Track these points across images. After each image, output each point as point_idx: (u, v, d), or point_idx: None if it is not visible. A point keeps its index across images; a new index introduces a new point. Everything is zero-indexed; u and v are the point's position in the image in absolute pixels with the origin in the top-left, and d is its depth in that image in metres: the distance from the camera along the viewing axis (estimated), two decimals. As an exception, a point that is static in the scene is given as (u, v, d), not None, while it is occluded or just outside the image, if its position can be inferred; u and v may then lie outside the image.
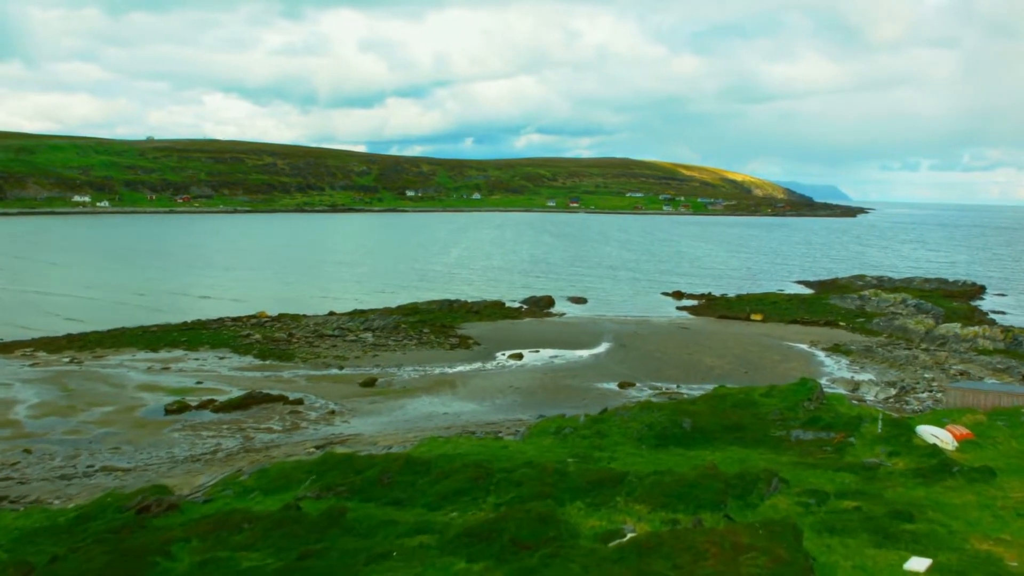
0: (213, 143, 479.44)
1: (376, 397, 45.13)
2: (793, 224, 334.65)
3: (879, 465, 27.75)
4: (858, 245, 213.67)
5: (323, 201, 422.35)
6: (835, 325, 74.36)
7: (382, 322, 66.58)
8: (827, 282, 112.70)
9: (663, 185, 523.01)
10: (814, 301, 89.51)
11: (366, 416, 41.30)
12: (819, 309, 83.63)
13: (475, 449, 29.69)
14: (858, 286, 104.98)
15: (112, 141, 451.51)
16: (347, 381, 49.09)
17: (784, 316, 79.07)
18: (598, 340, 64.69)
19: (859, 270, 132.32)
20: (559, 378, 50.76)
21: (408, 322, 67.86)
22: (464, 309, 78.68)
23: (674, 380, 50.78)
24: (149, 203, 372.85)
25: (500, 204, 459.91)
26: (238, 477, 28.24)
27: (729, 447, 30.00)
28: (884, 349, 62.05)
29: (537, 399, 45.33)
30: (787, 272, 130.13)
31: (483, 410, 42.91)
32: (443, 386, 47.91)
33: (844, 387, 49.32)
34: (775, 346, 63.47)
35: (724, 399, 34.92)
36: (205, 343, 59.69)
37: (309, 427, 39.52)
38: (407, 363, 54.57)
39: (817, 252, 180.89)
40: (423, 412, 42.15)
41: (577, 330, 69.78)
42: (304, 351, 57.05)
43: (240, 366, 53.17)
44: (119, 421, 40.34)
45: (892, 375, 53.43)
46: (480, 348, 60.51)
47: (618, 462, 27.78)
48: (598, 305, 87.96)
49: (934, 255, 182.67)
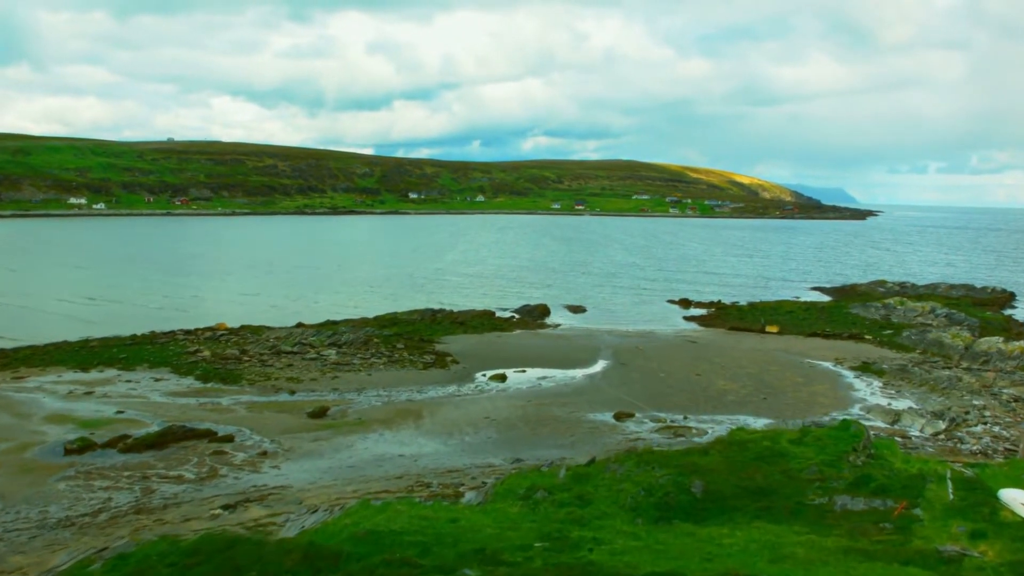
0: (213, 145, 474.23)
1: (323, 432, 37.66)
2: (802, 227, 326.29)
3: (962, 556, 20.16)
4: (872, 248, 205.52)
5: (324, 203, 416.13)
6: (860, 339, 66.61)
7: (351, 336, 59.18)
8: (845, 288, 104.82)
9: (670, 187, 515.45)
10: (833, 310, 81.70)
11: (303, 459, 33.84)
12: (840, 319, 75.87)
13: (415, 523, 22.19)
14: (880, 293, 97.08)
15: (111, 143, 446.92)
16: (295, 410, 41.66)
17: (802, 328, 71.35)
18: (594, 357, 57.11)
19: (877, 275, 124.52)
20: (545, 406, 43.21)
21: (381, 336, 60.42)
22: (448, 320, 71.22)
23: (681, 408, 43.18)
24: (146, 205, 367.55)
25: (504, 207, 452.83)
26: (89, 566, 20.88)
27: (753, 522, 22.44)
28: (920, 368, 54.28)
29: (516, 435, 37.81)
30: (801, 277, 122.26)
31: (448, 450, 35.40)
32: (406, 417, 40.42)
33: (881, 418, 41.68)
34: (796, 364, 55.78)
35: (744, 448, 27.32)
36: (146, 361, 52.35)
37: (229, 475, 32.06)
38: (371, 386, 47.11)
39: (830, 256, 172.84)
40: (375, 454, 34.66)
41: (572, 345, 62.21)
42: (254, 371, 49.64)
43: (176, 390, 45.79)
44: (2, 464, 33.00)
45: (936, 402, 45.71)
46: (458, 367, 53.00)
47: (604, 549, 20.26)
48: (598, 315, 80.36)
49: (952, 259, 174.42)
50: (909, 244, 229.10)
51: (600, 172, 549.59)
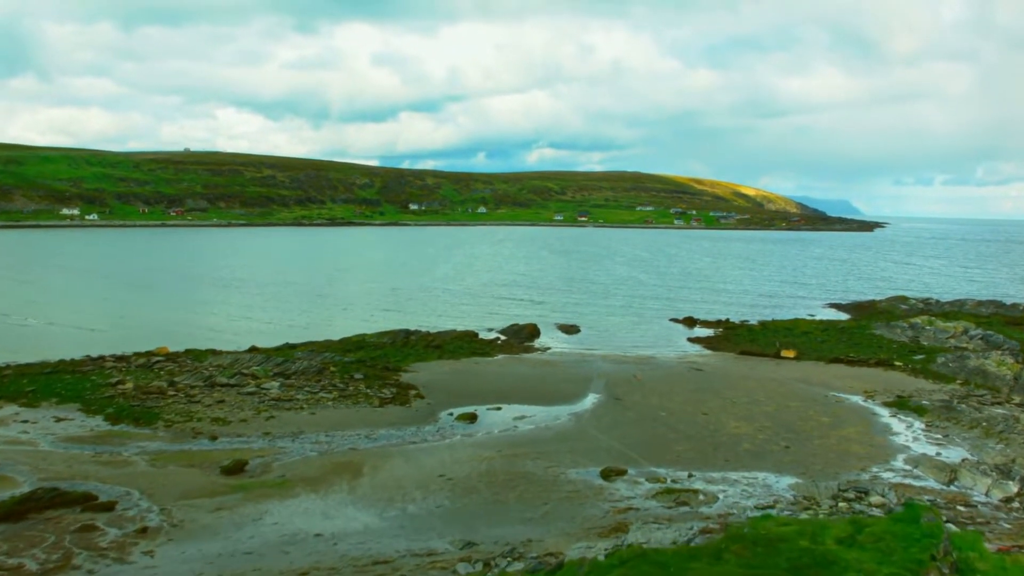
0: (212, 155, 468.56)
1: (230, 498, 29.71)
2: (810, 239, 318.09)
3: None
4: (884, 261, 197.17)
5: (322, 215, 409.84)
6: (889, 366, 58.49)
7: (305, 363, 51.32)
8: (864, 305, 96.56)
9: (675, 199, 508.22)
10: (855, 331, 73.62)
11: (191, 540, 25.90)
12: (864, 342, 67.82)
13: None
14: (903, 311, 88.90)
15: (107, 153, 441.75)
16: (207, 463, 33.74)
17: (822, 352, 63.28)
18: (584, 389, 49.11)
19: (895, 290, 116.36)
20: (518, 457, 35.23)
21: (339, 363, 52.51)
22: (423, 343, 63.35)
23: (685, 462, 35.13)
24: (140, 216, 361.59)
25: (506, 218, 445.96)
26: None
27: None
28: (967, 405, 46.14)
29: (473, 503, 29.81)
30: (814, 293, 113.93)
31: (382, 527, 27.42)
32: (342, 474, 32.47)
33: (934, 476, 33.60)
34: (820, 399, 47.69)
35: (772, 549, 19.32)
36: (55, 395, 44.49)
37: (84, 566, 24.13)
38: (311, 429, 39.19)
39: (842, 269, 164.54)
40: (285, 532, 26.70)
41: (559, 373, 54.24)
42: (176, 409, 41.72)
43: (74, 434, 37.91)
44: None
45: (995, 450, 37.59)
46: (422, 404, 45.02)
47: None
48: (592, 336, 72.39)
49: (970, 272, 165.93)
50: (922, 256, 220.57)
51: (604, 183, 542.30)
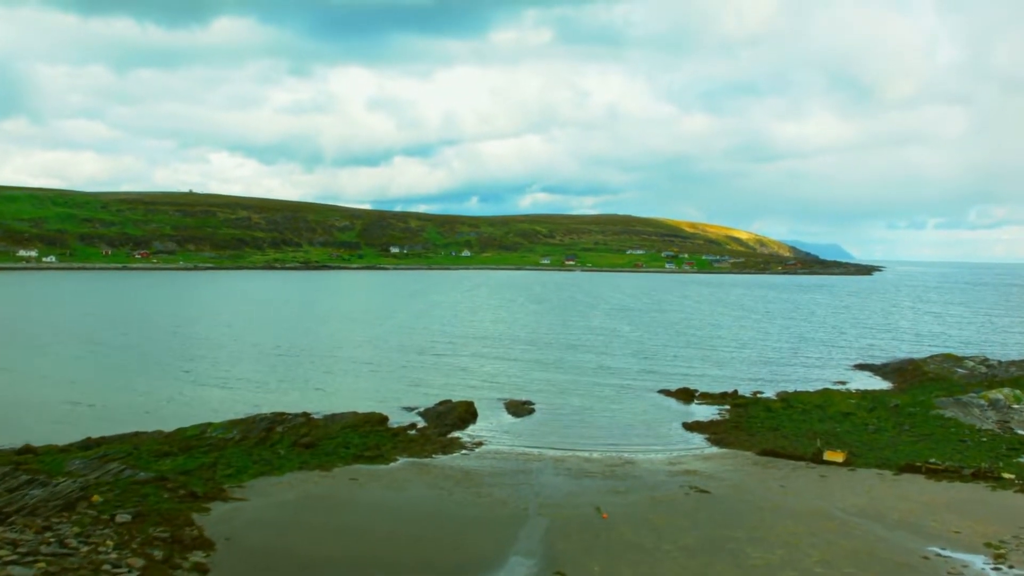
0: (184, 196, 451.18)
1: None
2: (809, 283, 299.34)
3: None
4: (897, 308, 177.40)
5: (296, 258, 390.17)
6: (995, 479, 37.86)
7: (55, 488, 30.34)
8: (906, 368, 75.75)
9: (666, 242, 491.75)
10: (914, 411, 53.17)
11: None
12: (935, 431, 47.36)
13: None
14: (961, 377, 68.47)
15: (73, 193, 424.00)
16: None
17: (882, 451, 42.72)
18: (505, 547, 28.12)
19: (930, 346, 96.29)
20: None
21: (119, 483, 31.46)
22: (291, 438, 42.52)
23: None
24: (102, 258, 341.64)
25: (491, 262, 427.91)
26: None
27: None
28: None
29: None
30: (836, 352, 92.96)
31: None
32: None
33: None
34: (916, 564, 26.85)
35: None
36: None
37: None
38: None
39: (857, 318, 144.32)
40: None
41: (476, 503, 33.31)
42: None
43: None
44: None
45: None
46: (187, 594, 24.05)
47: None
48: (548, 420, 51.63)
49: (998, 321, 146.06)
50: (939, 303, 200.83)
51: (594, 227, 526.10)
